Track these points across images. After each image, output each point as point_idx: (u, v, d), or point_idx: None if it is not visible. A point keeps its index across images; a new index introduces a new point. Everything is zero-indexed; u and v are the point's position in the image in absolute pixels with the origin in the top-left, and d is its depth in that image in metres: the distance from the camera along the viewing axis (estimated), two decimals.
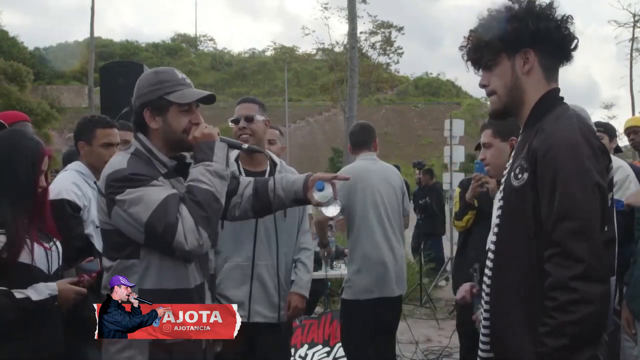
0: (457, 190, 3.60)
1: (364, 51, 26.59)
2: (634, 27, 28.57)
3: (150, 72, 2.03)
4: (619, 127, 4.09)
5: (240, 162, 2.88)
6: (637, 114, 25.99)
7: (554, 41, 1.59)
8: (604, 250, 1.43)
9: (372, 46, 27.91)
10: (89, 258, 2.43)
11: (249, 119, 2.80)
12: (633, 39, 28.87)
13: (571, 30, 1.61)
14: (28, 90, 27.47)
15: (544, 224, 1.46)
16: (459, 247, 3.52)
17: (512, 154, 1.70)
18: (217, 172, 1.85)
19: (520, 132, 1.69)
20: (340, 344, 4.45)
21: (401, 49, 29.50)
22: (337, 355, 4.54)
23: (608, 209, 1.51)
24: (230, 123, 2.87)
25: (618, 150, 3.32)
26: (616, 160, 3.16)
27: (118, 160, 1.90)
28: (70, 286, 2.17)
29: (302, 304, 2.91)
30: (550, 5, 1.60)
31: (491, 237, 1.68)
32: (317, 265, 4.74)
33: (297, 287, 2.90)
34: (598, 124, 3.27)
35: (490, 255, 1.66)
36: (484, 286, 1.69)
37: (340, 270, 4.83)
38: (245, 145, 2.06)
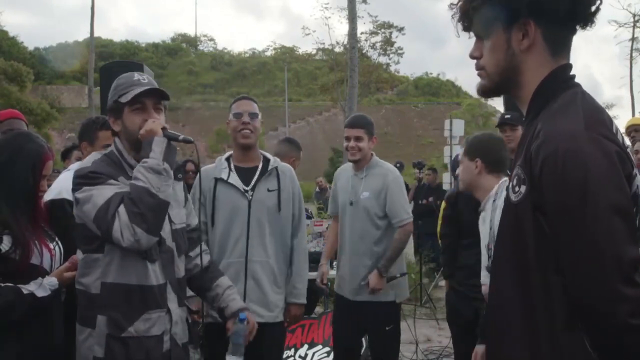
0: (443, 205, 3.56)
1: (364, 51, 26.60)
2: (634, 27, 28.58)
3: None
4: (620, 127, 4.07)
5: (231, 160, 2.88)
6: (637, 114, 26.00)
7: (563, 6, 1.21)
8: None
9: (373, 46, 27.93)
10: None
11: (254, 116, 2.85)
12: (633, 39, 28.88)
13: None
14: (28, 90, 27.45)
15: (561, 262, 1.15)
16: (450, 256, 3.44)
17: (515, 155, 1.38)
18: (151, 167, 1.91)
19: (523, 125, 1.38)
20: None
21: (401, 49, 29.55)
22: None
23: (634, 227, 1.15)
24: (232, 117, 2.87)
25: None
26: None
27: (88, 159, 2.04)
28: (66, 274, 2.18)
29: (300, 310, 2.98)
30: None
31: (487, 262, 1.52)
32: (317, 265, 4.74)
33: (294, 297, 2.92)
34: None
35: (489, 281, 1.43)
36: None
37: None
38: (182, 136, 2.03)
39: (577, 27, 1.26)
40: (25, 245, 2.08)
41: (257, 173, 2.84)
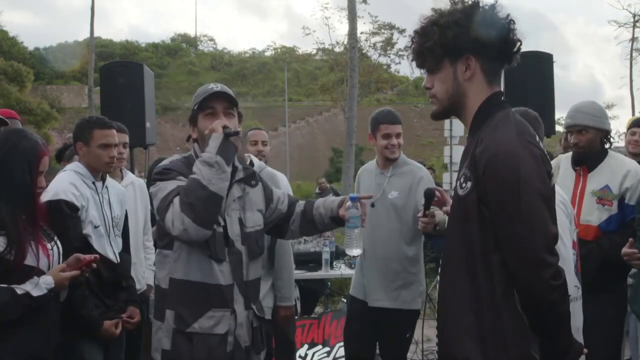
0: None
1: (364, 51, 26.57)
2: (634, 27, 28.53)
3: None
4: (620, 127, 4.06)
5: None
6: (638, 113, 25.99)
7: (496, 46, 1.58)
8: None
9: (373, 46, 27.91)
10: (94, 255, 2.43)
11: (265, 143, 3.52)
12: (633, 39, 28.85)
13: (514, 34, 1.58)
14: (28, 90, 27.42)
15: (498, 238, 1.49)
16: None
17: (460, 160, 1.70)
18: (205, 160, 2.01)
19: (467, 137, 1.68)
20: (340, 344, 4.45)
21: (402, 50, 29.50)
22: (337, 355, 4.53)
23: (554, 212, 1.53)
24: (249, 146, 3.39)
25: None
26: (625, 163, 3.02)
27: (169, 159, 2.23)
28: (62, 274, 2.17)
29: (290, 311, 3.01)
30: (492, 9, 1.57)
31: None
32: (317, 265, 4.75)
33: (279, 300, 2.95)
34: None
35: (441, 263, 1.67)
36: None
37: (341, 270, 4.82)
38: (239, 129, 2.17)
39: (505, 62, 1.63)
40: (20, 246, 2.06)
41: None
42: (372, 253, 3.17)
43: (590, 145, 2.99)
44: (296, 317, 4.38)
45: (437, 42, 1.58)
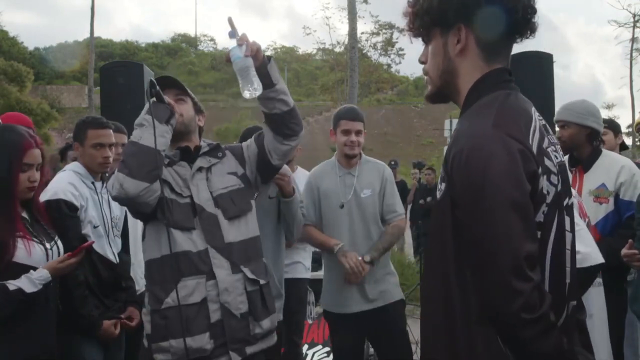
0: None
1: (364, 51, 26.57)
2: (634, 27, 28.54)
3: None
4: (621, 126, 4.05)
5: None
6: (638, 113, 25.98)
7: (494, 14, 1.25)
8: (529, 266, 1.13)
9: (373, 46, 27.91)
10: (88, 243, 2.42)
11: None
12: (633, 39, 28.85)
13: None
14: (28, 91, 27.41)
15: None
16: None
17: None
18: (136, 123, 2.10)
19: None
20: None
21: (402, 50, 29.48)
22: None
23: (532, 224, 1.18)
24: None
25: (624, 147, 3.27)
26: (618, 160, 3.09)
27: None
28: (59, 265, 2.16)
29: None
30: None
31: None
32: (317, 265, 4.74)
33: None
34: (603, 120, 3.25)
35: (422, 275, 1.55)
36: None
37: None
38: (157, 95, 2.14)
39: (514, 33, 1.31)
40: (2, 243, 2.03)
41: None
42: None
43: (572, 140, 3.07)
44: (310, 320, 4.35)
45: (422, 6, 1.32)
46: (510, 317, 1.11)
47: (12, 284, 2.02)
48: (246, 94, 1.91)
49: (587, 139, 3.08)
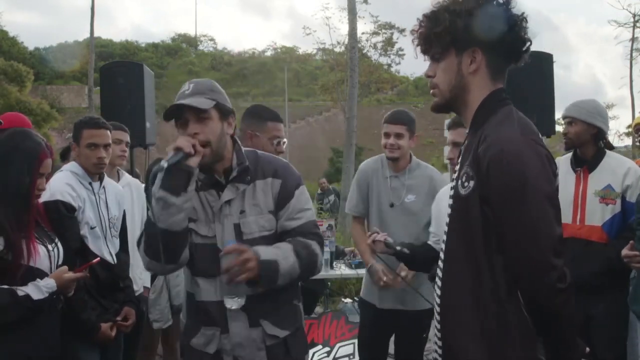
0: None
1: (364, 51, 26.56)
2: (634, 27, 28.51)
3: None
4: (620, 127, 4.05)
5: None
6: (638, 113, 25.96)
7: (505, 43, 1.52)
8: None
9: (374, 46, 27.90)
10: (95, 260, 2.44)
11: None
12: (633, 39, 28.82)
13: (525, 32, 1.53)
14: (28, 91, 27.40)
15: (503, 241, 1.43)
16: None
17: (459, 159, 1.62)
18: (153, 194, 1.87)
19: (466, 133, 1.62)
20: (340, 344, 4.45)
21: (402, 50, 29.48)
22: (337, 355, 4.53)
23: (559, 212, 1.45)
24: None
25: (609, 146, 3.22)
26: (624, 162, 3.07)
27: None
28: (66, 276, 2.17)
29: None
30: (507, 3, 1.51)
31: (441, 245, 1.61)
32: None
33: None
34: None
35: (440, 264, 1.60)
36: (435, 297, 1.62)
37: (341, 270, 4.81)
38: (193, 149, 1.86)
39: (513, 60, 1.57)
40: (18, 246, 2.05)
41: None
42: (387, 255, 3.02)
43: (578, 137, 3.08)
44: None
45: (446, 29, 1.51)
46: (548, 288, 1.38)
47: (20, 290, 2.03)
48: (234, 305, 1.89)
49: (593, 139, 3.08)
